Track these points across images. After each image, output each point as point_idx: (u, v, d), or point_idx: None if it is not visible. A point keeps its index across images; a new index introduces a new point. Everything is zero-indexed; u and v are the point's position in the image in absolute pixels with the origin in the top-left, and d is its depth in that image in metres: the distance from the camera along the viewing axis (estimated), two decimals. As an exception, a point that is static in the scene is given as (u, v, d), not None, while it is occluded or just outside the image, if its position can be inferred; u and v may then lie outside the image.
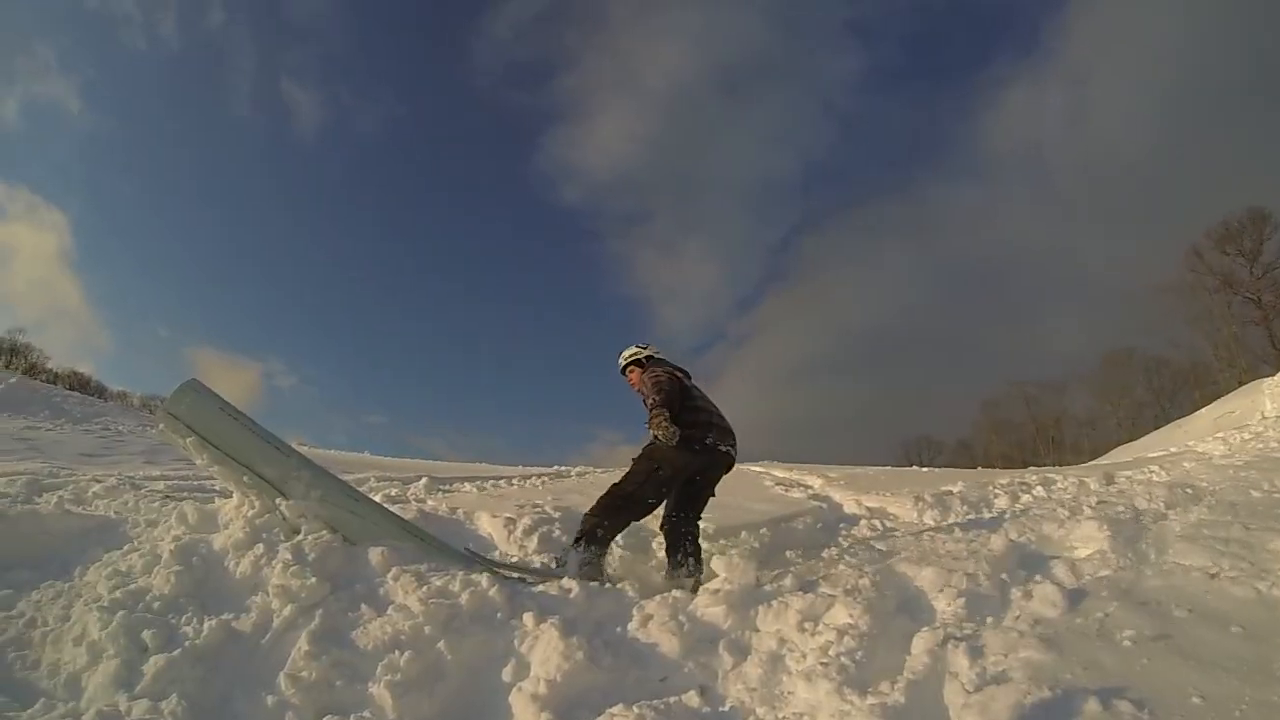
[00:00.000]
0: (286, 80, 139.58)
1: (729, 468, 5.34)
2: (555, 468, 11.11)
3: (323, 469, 4.65)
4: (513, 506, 5.72)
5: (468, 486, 7.90)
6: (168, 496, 5.66)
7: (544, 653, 3.23)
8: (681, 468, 5.05)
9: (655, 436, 4.91)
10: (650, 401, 5.01)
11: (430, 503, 6.25)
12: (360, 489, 4.73)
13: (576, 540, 4.83)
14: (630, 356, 5.63)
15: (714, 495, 5.40)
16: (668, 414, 4.88)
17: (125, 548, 4.41)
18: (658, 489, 5.07)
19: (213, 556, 4.04)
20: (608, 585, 4.51)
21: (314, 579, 3.68)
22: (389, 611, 3.55)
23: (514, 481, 8.81)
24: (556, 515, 5.26)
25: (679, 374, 5.46)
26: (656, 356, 5.59)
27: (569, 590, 3.85)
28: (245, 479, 4.47)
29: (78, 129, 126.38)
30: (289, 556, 3.86)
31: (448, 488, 7.57)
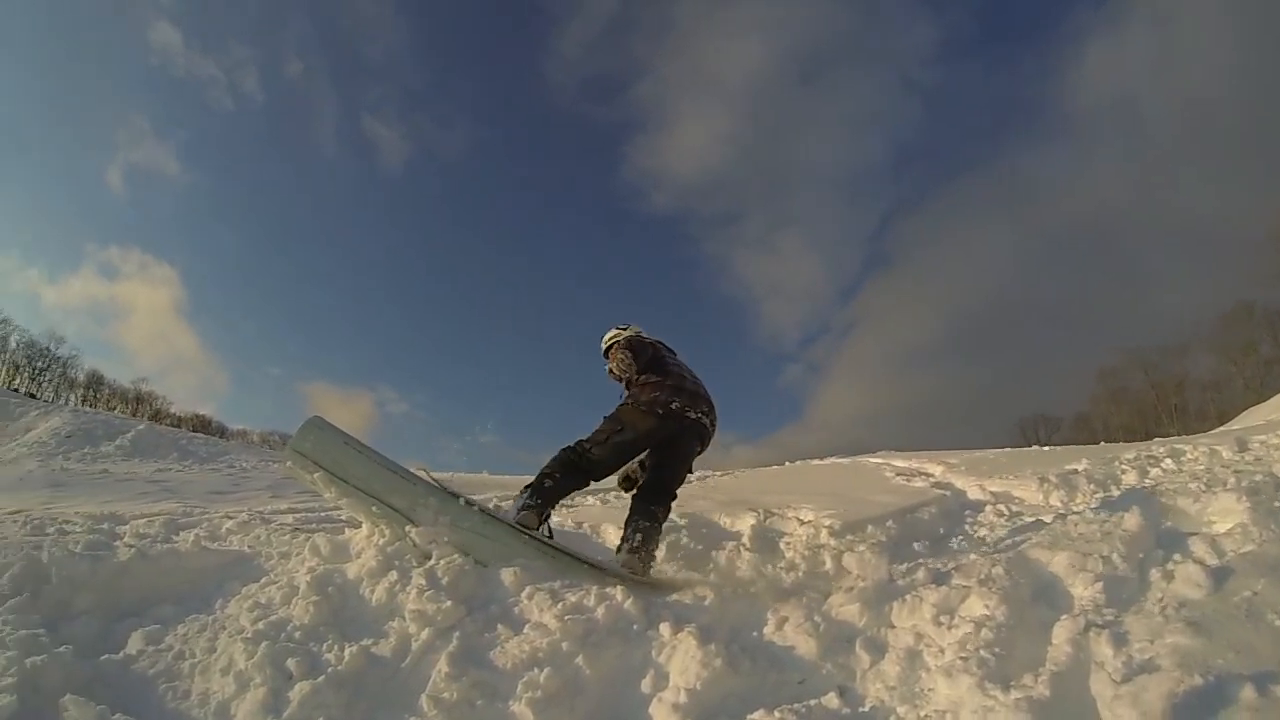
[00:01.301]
0: (369, 119, 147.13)
1: (702, 438, 5.35)
2: None
3: (448, 493, 4.81)
4: (637, 517, 5.77)
5: (590, 500, 8.01)
6: (297, 529, 5.95)
7: (682, 661, 3.31)
8: (644, 432, 5.14)
9: (610, 370, 5.22)
10: (619, 344, 5.27)
11: (555, 519, 6.39)
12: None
13: (527, 487, 5.02)
14: (611, 339, 5.77)
15: (691, 471, 5.47)
16: (632, 355, 5.13)
17: (262, 580, 4.65)
18: (618, 452, 5.17)
19: (348, 585, 4.24)
20: (543, 536, 4.79)
21: (449, 602, 3.83)
22: (525, 630, 3.67)
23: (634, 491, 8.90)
24: (683, 522, 5.34)
25: (658, 343, 5.61)
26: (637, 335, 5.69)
27: (703, 598, 3.94)
28: (374, 509, 4.69)
29: (178, 188, 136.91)
30: (423, 582, 4.03)
31: (571, 503, 7.70)
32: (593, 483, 5.27)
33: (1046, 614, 3.32)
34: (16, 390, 62.79)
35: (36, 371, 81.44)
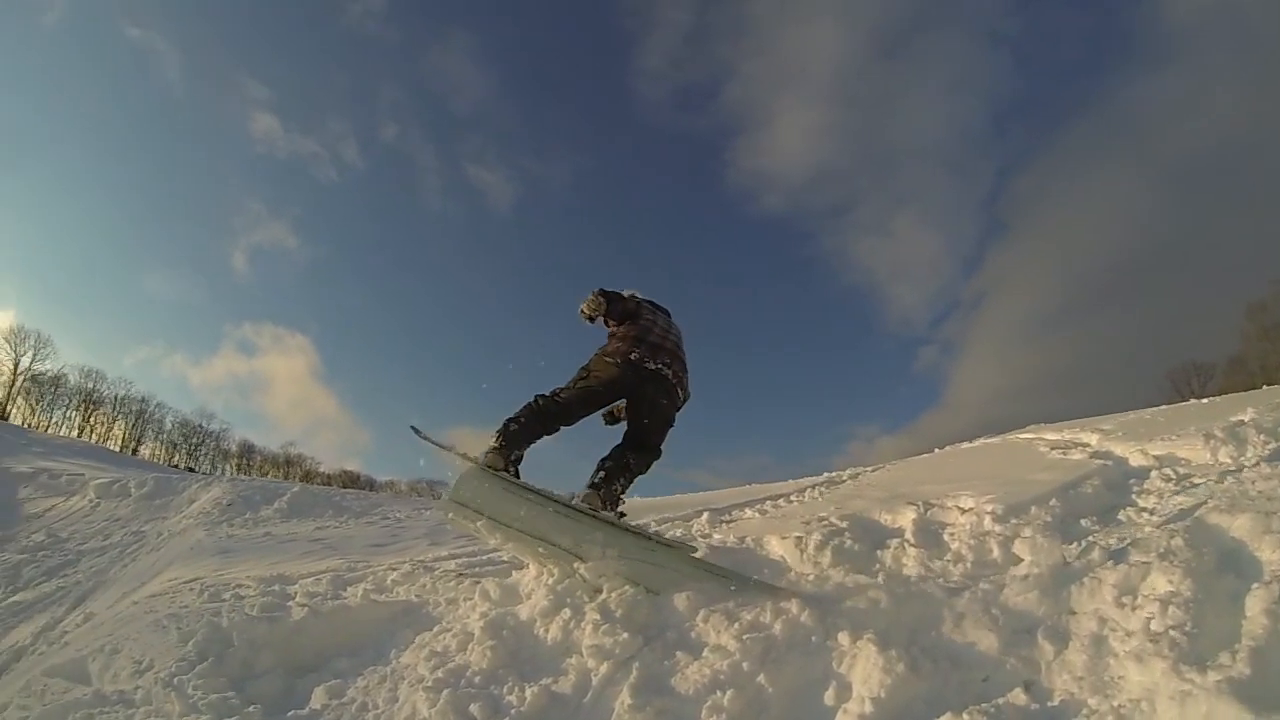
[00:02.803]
0: (471, 167, 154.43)
1: (665, 390, 5.64)
2: (825, 475, 11.09)
3: (612, 526, 5.00)
4: (799, 524, 5.92)
5: (748, 512, 8.03)
6: (461, 575, 6.23)
7: (864, 670, 3.34)
8: (606, 380, 5.53)
9: (581, 311, 5.58)
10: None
11: (717, 536, 6.52)
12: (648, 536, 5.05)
13: (496, 432, 5.38)
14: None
15: (672, 423, 5.80)
16: (605, 300, 5.57)
17: (435, 628, 4.97)
18: (582, 398, 5.56)
19: (521, 627, 4.49)
20: (510, 476, 5.13)
21: (625, 634, 4.02)
22: (704, 653, 3.79)
23: (791, 498, 8.78)
24: (844, 525, 5.35)
25: (643, 303, 5.99)
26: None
27: (877, 601, 3.94)
28: (540, 550, 4.95)
29: (299, 261, 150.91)
30: (597, 616, 4.24)
31: (729, 517, 7.77)
32: (563, 428, 5.61)
33: (1235, 584, 3.19)
34: (176, 466, 70.11)
35: (193, 447, 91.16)
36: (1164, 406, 10.60)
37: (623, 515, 5.57)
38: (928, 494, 5.79)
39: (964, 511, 5.15)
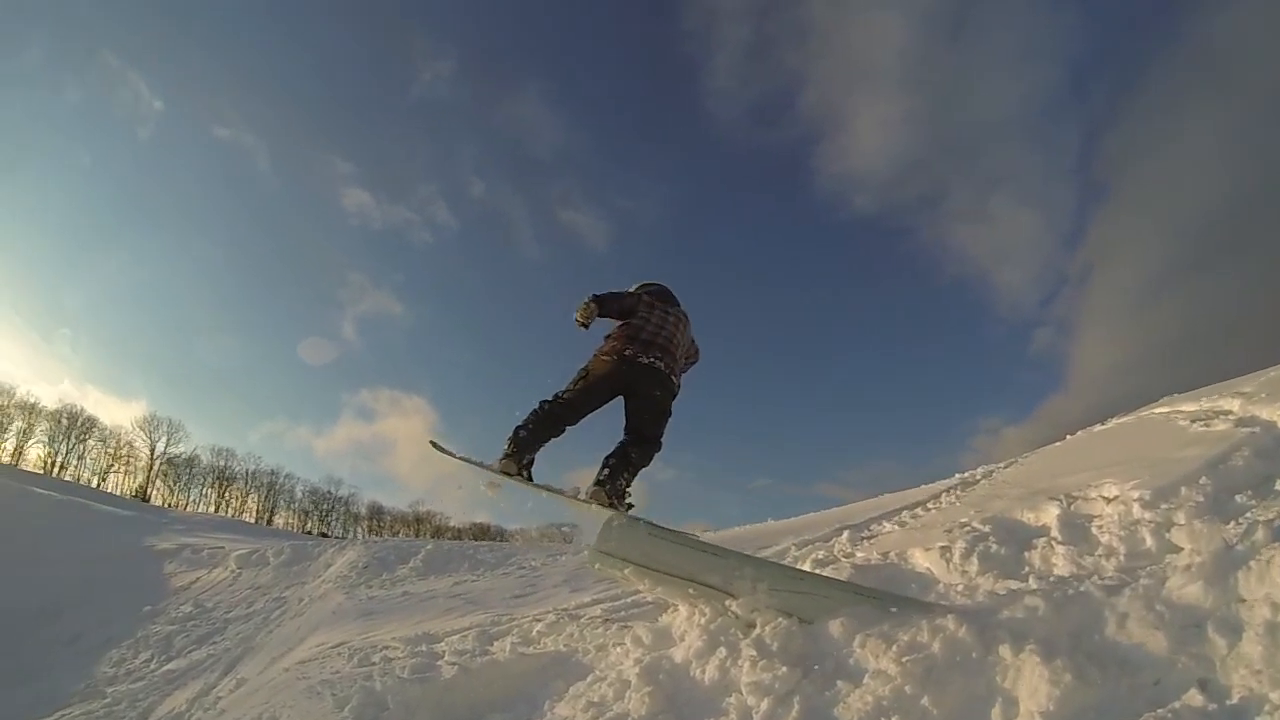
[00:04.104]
0: (562, 211, 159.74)
1: (659, 382, 5.96)
2: (957, 476, 10.89)
3: (760, 559, 5.09)
4: (941, 533, 5.84)
5: (887, 525, 7.89)
6: (607, 620, 6.38)
7: (1030, 683, 3.27)
8: (601, 376, 5.92)
9: (575, 318, 5.86)
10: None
11: (859, 554, 6.45)
12: (787, 560, 5.10)
13: (507, 439, 5.84)
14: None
15: (669, 414, 6.16)
16: (597, 303, 5.88)
17: (589, 678, 5.08)
18: (583, 397, 5.95)
19: (677, 670, 4.55)
20: (525, 479, 5.68)
21: (784, 668, 4.01)
22: (865, 680, 3.74)
23: (928, 505, 8.62)
24: (987, 529, 5.25)
25: (649, 297, 6.32)
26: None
27: (1035, 608, 3.82)
28: (690, 591, 5.04)
29: (405, 325, 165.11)
30: (753, 652, 4.24)
31: (869, 533, 7.69)
32: (568, 429, 6.07)
33: None
34: (310, 533, 76.29)
35: (323, 513, 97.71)
36: (1306, 358, 10.06)
37: (630, 507, 5.89)
38: (1068, 486, 5.62)
39: (1109, 501, 4.99)
